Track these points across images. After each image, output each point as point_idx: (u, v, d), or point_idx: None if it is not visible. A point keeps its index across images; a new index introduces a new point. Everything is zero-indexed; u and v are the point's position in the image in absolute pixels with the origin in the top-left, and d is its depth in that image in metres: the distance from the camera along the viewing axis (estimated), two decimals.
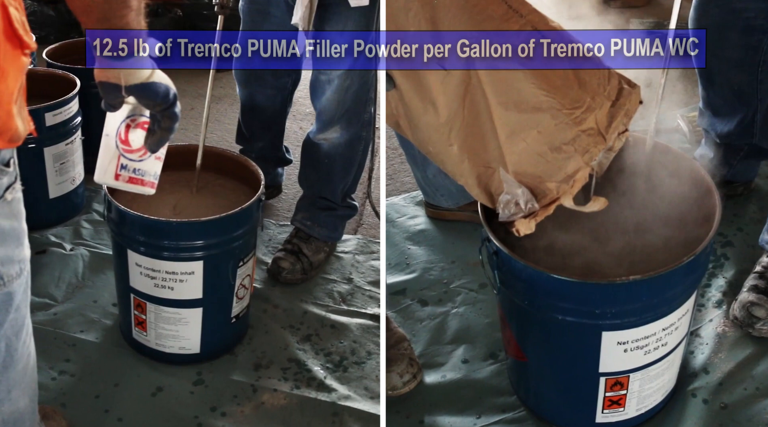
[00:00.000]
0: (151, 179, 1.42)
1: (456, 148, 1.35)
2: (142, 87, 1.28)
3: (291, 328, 1.98)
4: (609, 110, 1.31)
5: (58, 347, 1.90)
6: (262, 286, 2.12)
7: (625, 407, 1.53)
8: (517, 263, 1.38)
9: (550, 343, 1.49)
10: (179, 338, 1.85)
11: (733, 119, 1.99)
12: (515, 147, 1.33)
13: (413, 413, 1.65)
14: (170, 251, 1.74)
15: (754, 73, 1.90)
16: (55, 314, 2.00)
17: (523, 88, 1.29)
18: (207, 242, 1.75)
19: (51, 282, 2.10)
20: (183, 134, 3.03)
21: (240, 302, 1.88)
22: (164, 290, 1.79)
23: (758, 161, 2.09)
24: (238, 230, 1.77)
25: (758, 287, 1.78)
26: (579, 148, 1.31)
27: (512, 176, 1.34)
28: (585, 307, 1.37)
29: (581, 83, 1.30)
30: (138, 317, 1.86)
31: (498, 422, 1.63)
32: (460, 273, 1.97)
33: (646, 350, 1.44)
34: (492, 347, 1.78)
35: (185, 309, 1.81)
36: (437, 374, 1.73)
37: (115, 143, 1.38)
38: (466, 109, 1.33)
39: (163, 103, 1.31)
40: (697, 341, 1.76)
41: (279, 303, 2.06)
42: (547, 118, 1.30)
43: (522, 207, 1.33)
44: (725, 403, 1.62)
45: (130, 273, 1.81)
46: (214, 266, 1.79)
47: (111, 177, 1.37)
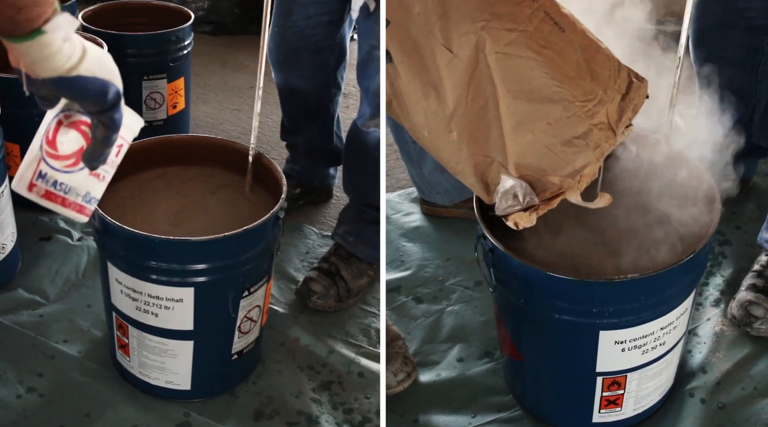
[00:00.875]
0: (77, 201, 1.08)
1: (455, 136, 1.30)
2: (61, 82, 0.94)
3: (310, 370, 1.68)
4: (619, 104, 1.27)
5: (33, 358, 1.70)
6: (285, 310, 1.83)
7: (622, 407, 1.51)
8: (513, 261, 1.36)
9: (546, 342, 1.48)
10: (165, 371, 1.60)
11: (731, 118, 1.97)
12: (521, 138, 1.28)
13: (407, 412, 1.63)
14: (154, 272, 1.47)
15: (754, 73, 1.89)
16: (41, 315, 1.81)
17: (535, 77, 1.25)
18: (199, 267, 1.47)
19: (47, 276, 1.92)
20: (235, 116, 2.81)
21: (244, 336, 1.61)
22: (147, 314, 1.53)
23: (756, 160, 2.08)
24: (242, 254, 1.50)
25: (756, 285, 1.77)
26: (590, 143, 1.27)
27: (514, 168, 1.30)
28: (582, 306, 1.35)
29: (593, 75, 1.26)
30: (120, 340, 1.62)
31: (493, 422, 1.61)
32: (455, 271, 1.95)
33: (644, 350, 1.42)
34: (487, 345, 1.76)
35: (172, 340, 1.55)
36: (432, 373, 1.71)
37: (40, 143, 1.05)
38: (470, 95, 1.28)
39: (96, 104, 0.98)
40: (694, 340, 1.74)
41: (301, 335, 1.76)
42: (558, 109, 1.26)
43: (520, 200, 1.30)
44: (723, 403, 1.61)
45: (111, 289, 1.57)
46: (210, 295, 1.52)
47: (24, 186, 1.05)
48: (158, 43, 2.38)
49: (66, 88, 0.95)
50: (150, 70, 2.40)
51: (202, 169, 1.72)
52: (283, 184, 1.58)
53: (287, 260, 2.04)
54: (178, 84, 2.48)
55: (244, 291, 1.55)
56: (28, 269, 1.96)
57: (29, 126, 1.90)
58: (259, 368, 1.71)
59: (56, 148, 1.05)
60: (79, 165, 1.06)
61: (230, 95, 2.98)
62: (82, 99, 0.97)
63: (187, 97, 2.57)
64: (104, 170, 1.10)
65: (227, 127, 2.76)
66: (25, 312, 1.83)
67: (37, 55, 0.92)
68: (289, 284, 1.91)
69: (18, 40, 0.90)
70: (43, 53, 0.92)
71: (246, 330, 1.61)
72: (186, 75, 2.52)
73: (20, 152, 2.07)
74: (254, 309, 1.60)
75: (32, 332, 1.77)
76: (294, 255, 2.05)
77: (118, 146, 1.09)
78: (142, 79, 2.40)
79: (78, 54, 0.95)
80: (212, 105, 2.91)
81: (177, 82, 2.47)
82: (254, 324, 1.62)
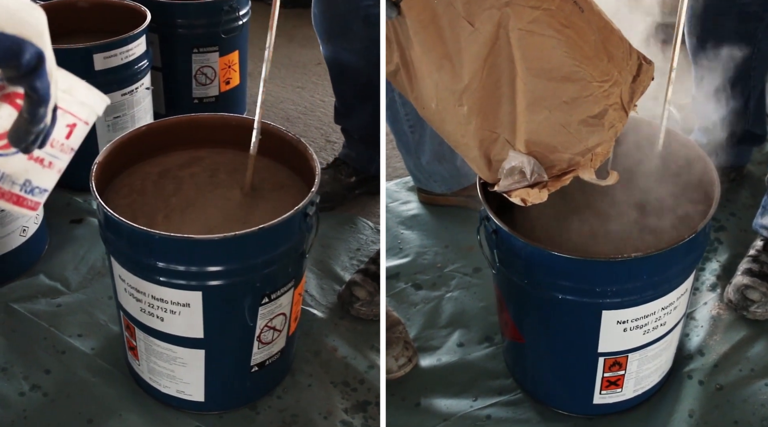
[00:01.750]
0: (13, 190, 0.92)
1: (466, 109, 1.31)
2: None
3: (345, 386, 1.51)
4: (630, 86, 1.29)
5: (44, 351, 1.61)
6: (325, 314, 1.68)
7: (622, 388, 1.53)
8: (518, 241, 1.37)
9: (549, 323, 1.49)
10: (176, 380, 1.48)
11: (726, 105, 1.99)
12: (536, 115, 1.29)
13: (409, 397, 1.64)
14: (157, 272, 1.35)
15: (748, 60, 1.90)
16: (59, 305, 1.72)
17: (555, 56, 1.25)
18: (209, 269, 1.34)
19: (71, 262, 1.83)
20: (297, 94, 2.58)
21: (266, 347, 1.47)
22: (152, 318, 1.41)
23: (751, 147, 2.10)
24: (259, 257, 1.35)
25: (752, 270, 1.79)
26: (606, 123, 1.29)
27: (523, 145, 1.31)
28: (585, 285, 1.37)
29: (609, 56, 1.27)
30: (129, 341, 1.51)
31: (494, 405, 1.62)
32: (453, 257, 1.96)
33: (646, 330, 1.44)
34: (487, 330, 1.77)
35: (181, 348, 1.43)
36: (432, 358, 1.72)
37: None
38: (485, 70, 1.28)
39: (9, 68, 0.79)
40: (692, 324, 1.76)
41: (339, 345, 1.60)
42: (576, 89, 1.27)
43: (527, 176, 1.31)
44: (721, 384, 1.63)
45: (116, 286, 1.47)
46: (221, 301, 1.39)
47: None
48: (209, 12, 2.20)
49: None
50: (200, 42, 2.23)
51: (234, 155, 1.60)
52: (316, 175, 1.43)
53: (334, 256, 1.91)
54: (232, 58, 2.31)
55: (263, 298, 1.41)
56: (54, 254, 1.88)
57: None
58: (288, 380, 1.55)
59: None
60: (11, 148, 0.87)
61: (294, 72, 2.80)
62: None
63: (243, 73, 2.39)
64: (50, 155, 0.93)
65: (287, 107, 2.57)
66: (42, 300, 1.75)
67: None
68: (333, 284, 1.76)
69: None
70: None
71: (268, 341, 1.46)
72: (241, 48, 2.34)
73: None
74: (278, 317, 1.45)
75: (46, 323, 1.69)
76: (343, 251, 1.89)
77: (68, 126, 0.94)
78: (192, 52, 2.23)
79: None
80: (274, 82, 2.71)
81: (230, 55, 2.30)
82: (278, 334, 1.47)
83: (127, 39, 1.95)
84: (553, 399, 1.60)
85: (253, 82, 2.55)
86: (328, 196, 2.09)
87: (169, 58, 2.22)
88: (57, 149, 0.96)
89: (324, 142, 2.41)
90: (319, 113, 2.38)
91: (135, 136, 1.59)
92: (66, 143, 0.97)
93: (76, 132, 0.97)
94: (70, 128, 0.96)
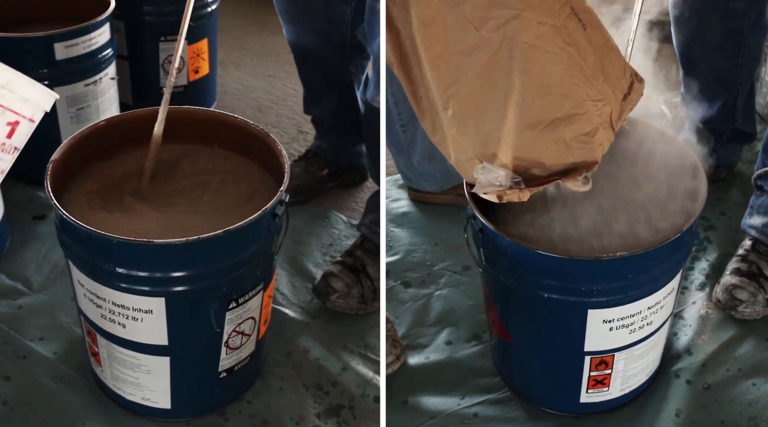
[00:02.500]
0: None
1: (450, 114, 1.31)
2: None
3: (317, 389, 1.46)
4: (621, 103, 1.31)
5: (4, 357, 1.53)
6: (297, 313, 1.60)
7: (609, 387, 1.53)
8: (503, 240, 1.37)
9: (535, 321, 1.49)
10: (140, 387, 1.42)
11: (715, 104, 1.99)
12: (529, 131, 1.29)
13: (396, 395, 1.64)
14: (117, 278, 1.28)
15: (735, 58, 1.90)
16: (20, 307, 1.64)
17: (555, 73, 1.26)
18: (171, 275, 1.27)
19: (33, 261, 1.76)
20: (269, 83, 2.49)
21: (234, 352, 1.42)
22: (114, 324, 1.34)
23: (741, 146, 2.10)
24: (224, 261, 1.29)
25: (741, 269, 1.79)
26: (595, 141, 1.30)
27: (509, 158, 1.31)
28: (571, 284, 1.37)
29: (605, 75, 1.28)
30: (91, 347, 1.44)
31: (482, 403, 1.62)
32: (443, 255, 1.96)
33: (632, 329, 1.44)
34: (476, 328, 1.77)
35: (145, 355, 1.38)
36: (421, 356, 1.72)
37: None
38: (481, 78, 1.28)
39: None
40: (680, 323, 1.76)
41: (311, 346, 1.54)
42: (572, 106, 1.27)
43: (503, 184, 1.30)
44: (708, 384, 1.63)
45: (75, 290, 1.40)
46: (185, 307, 1.33)
47: None
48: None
49: None
50: (168, 30, 2.15)
51: (200, 151, 1.54)
52: (285, 172, 1.37)
53: (306, 252, 1.84)
54: (201, 46, 2.24)
55: (230, 303, 1.35)
56: (15, 252, 1.81)
57: None
58: (258, 383, 1.50)
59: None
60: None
61: (266, 60, 2.70)
62: None
63: (212, 62, 2.33)
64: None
65: (258, 96, 2.49)
66: (3, 302, 1.67)
67: None
68: (305, 282, 1.70)
69: None
70: None
71: (236, 346, 1.41)
72: (210, 36, 2.27)
73: None
74: (246, 322, 1.40)
75: (6, 327, 1.62)
76: (315, 247, 1.82)
77: (9, 124, 0.92)
78: (159, 40, 2.16)
79: None
80: (245, 70, 2.63)
81: (199, 44, 2.22)
82: (247, 338, 1.42)
83: (89, 27, 1.86)
84: (540, 398, 1.60)
85: (224, 70, 2.49)
86: (300, 189, 2.04)
87: (135, 46, 2.14)
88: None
89: (296, 132, 2.34)
90: (291, 103, 2.30)
91: (94, 131, 1.50)
92: (8, 143, 0.93)
93: (19, 130, 0.94)
94: (12, 127, 0.92)
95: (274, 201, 1.32)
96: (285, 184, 1.35)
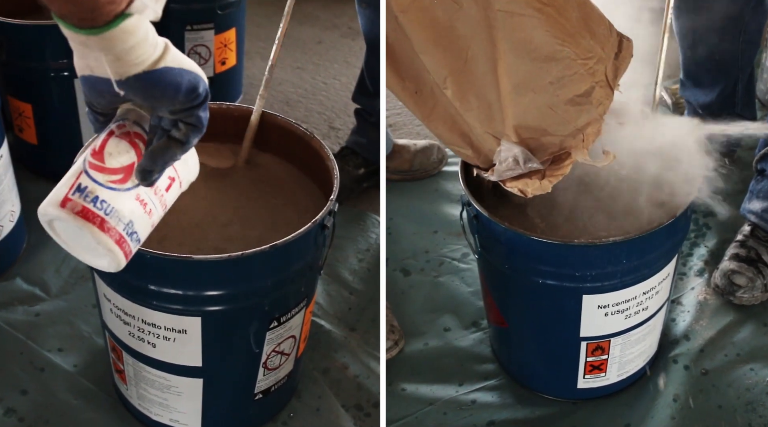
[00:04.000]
0: (118, 228, 0.89)
1: (450, 93, 1.28)
2: (149, 78, 0.81)
3: (357, 410, 1.36)
4: (613, 62, 1.28)
5: (21, 369, 1.43)
6: (334, 326, 1.50)
7: (606, 373, 1.53)
8: (498, 226, 1.37)
9: (531, 307, 1.49)
10: (169, 409, 1.32)
11: (715, 89, 1.98)
12: (522, 98, 1.27)
13: (395, 381, 1.65)
14: (148, 295, 1.17)
15: (736, 43, 1.89)
16: (38, 314, 1.54)
17: (537, 36, 1.23)
18: (209, 293, 1.16)
19: (52, 264, 1.65)
20: (297, 75, 2.34)
21: (272, 373, 1.31)
22: (143, 343, 1.23)
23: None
24: (269, 278, 1.18)
25: (739, 255, 1.79)
26: (594, 101, 1.27)
27: (513, 130, 1.29)
28: (565, 270, 1.37)
29: (591, 33, 1.25)
30: (116, 364, 1.34)
31: (479, 390, 1.63)
32: (442, 242, 1.96)
33: (627, 314, 1.44)
34: (474, 315, 1.77)
35: (176, 376, 1.27)
36: (419, 342, 1.73)
37: (83, 158, 0.90)
38: (470, 53, 1.25)
39: (186, 101, 0.83)
40: (678, 309, 1.76)
41: (351, 362, 1.44)
42: (561, 68, 1.25)
43: (521, 165, 1.29)
44: (706, 369, 1.63)
45: (101, 304, 1.29)
46: (223, 327, 1.22)
47: (56, 202, 0.88)
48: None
49: (155, 84, 0.80)
50: (194, 19, 2.08)
51: (234, 152, 1.40)
52: (335, 178, 1.24)
53: (342, 258, 1.75)
54: (228, 36, 2.15)
55: (271, 322, 1.24)
56: (32, 254, 1.70)
57: (44, 82, 1.66)
58: (294, 402, 1.39)
59: (103, 159, 0.88)
60: (126, 183, 0.88)
61: (293, 51, 2.56)
62: (172, 97, 0.82)
63: (240, 52, 2.25)
64: (152, 202, 0.91)
65: (286, 89, 2.37)
66: (19, 308, 1.57)
67: (121, 47, 0.78)
68: (341, 289, 1.60)
69: (98, 30, 0.77)
70: (128, 43, 0.79)
71: (274, 366, 1.30)
72: (238, 26, 2.19)
73: (32, 113, 1.77)
74: (287, 341, 1.29)
75: (23, 336, 1.52)
76: (351, 252, 1.72)
77: (170, 178, 0.94)
78: (185, 30, 2.08)
79: (161, 41, 0.82)
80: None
81: (226, 33, 2.14)
82: (286, 358, 1.31)
83: None
84: (538, 384, 1.60)
85: (249, 61, 2.40)
86: None
87: (160, 35, 2.13)
88: (158, 198, 0.94)
89: (327, 128, 2.25)
90: (321, 97, 2.16)
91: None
92: (165, 196, 0.95)
93: (173, 189, 0.96)
94: (170, 182, 0.95)
95: (323, 212, 1.19)
96: (335, 193, 1.23)
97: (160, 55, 0.81)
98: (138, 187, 0.90)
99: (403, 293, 1.85)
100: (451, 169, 2.16)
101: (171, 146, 0.87)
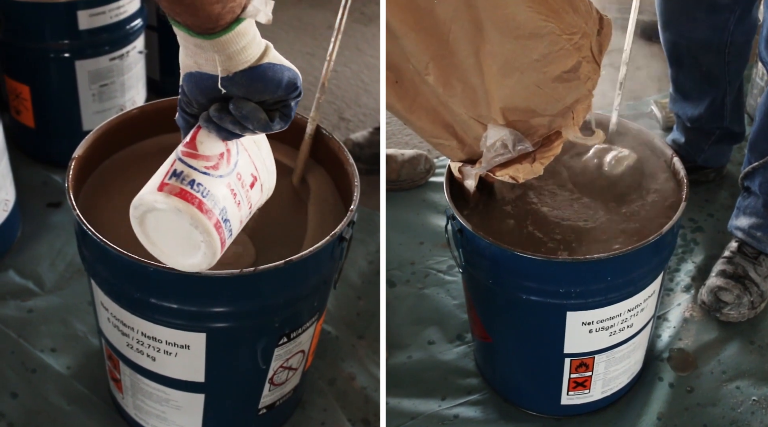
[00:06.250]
0: (215, 211, 0.90)
1: (432, 79, 1.25)
2: (254, 73, 0.87)
3: (365, 425, 1.32)
4: (597, 38, 1.25)
5: (11, 369, 1.36)
6: (341, 332, 1.41)
7: (590, 389, 1.51)
8: (482, 241, 1.36)
9: (515, 323, 1.48)
10: (168, 422, 1.26)
11: (703, 102, 1.97)
12: (508, 79, 1.23)
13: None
14: (149, 308, 1.09)
15: (722, 54, 1.88)
16: (31, 310, 1.46)
17: (519, 13, 1.19)
18: (215, 310, 1.09)
19: (46, 256, 1.56)
20: (307, 61, 2.25)
21: (278, 388, 1.25)
22: (141, 356, 1.17)
23: (730, 146, 2.08)
24: (283, 294, 1.10)
25: (726, 271, 1.78)
26: (582, 76, 1.24)
27: (500, 113, 1.26)
28: (549, 286, 1.35)
29: (574, 8, 1.22)
30: (112, 372, 1.27)
31: (463, 404, 1.61)
32: (428, 254, 1.95)
33: (612, 331, 1.43)
34: (459, 328, 1.76)
35: (175, 391, 1.20)
36: (403, 355, 1.71)
37: (176, 150, 0.93)
38: (452, 34, 1.21)
39: (285, 94, 0.89)
40: (664, 325, 1.75)
41: (358, 372, 1.38)
42: (546, 44, 1.21)
43: (510, 148, 1.26)
44: (691, 386, 1.62)
45: (97, 311, 1.22)
46: (230, 343, 1.15)
47: (153, 188, 0.90)
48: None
49: (260, 79, 0.86)
50: None
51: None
52: (355, 186, 1.16)
53: (350, 260, 1.61)
54: None
55: (281, 338, 1.16)
56: (26, 245, 1.61)
57: (43, 63, 1.60)
58: (298, 414, 1.33)
59: (195, 147, 0.91)
60: (219, 170, 0.91)
61: (303, 36, 2.45)
62: (273, 90, 0.88)
63: None
64: (240, 193, 0.94)
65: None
66: (11, 303, 1.49)
67: (234, 47, 0.85)
68: (350, 292, 1.52)
69: (216, 35, 0.83)
70: (241, 44, 0.85)
71: (281, 381, 1.24)
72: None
73: (30, 95, 1.67)
74: (295, 356, 1.22)
75: (15, 333, 1.45)
76: (360, 255, 1.64)
77: (252, 176, 0.96)
78: None
79: (264, 41, 0.88)
80: (280, 47, 2.43)
81: None
82: (294, 373, 1.25)
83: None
84: (522, 399, 1.59)
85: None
86: None
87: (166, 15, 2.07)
88: (244, 192, 0.96)
89: (337, 119, 2.13)
90: (331, 86, 2.03)
91: (125, 120, 1.30)
92: (250, 192, 0.96)
93: (256, 188, 0.97)
94: (253, 180, 0.97)
95: (343, 224, 1.11)
96: (355, 203, 1.15)
97: (263, 53, 0.88)
98: (229, 176, 0.93)
99: (387, 304, 1.83)
100: (438, 179, 2.15)
101: (260, 118, 0.89)
